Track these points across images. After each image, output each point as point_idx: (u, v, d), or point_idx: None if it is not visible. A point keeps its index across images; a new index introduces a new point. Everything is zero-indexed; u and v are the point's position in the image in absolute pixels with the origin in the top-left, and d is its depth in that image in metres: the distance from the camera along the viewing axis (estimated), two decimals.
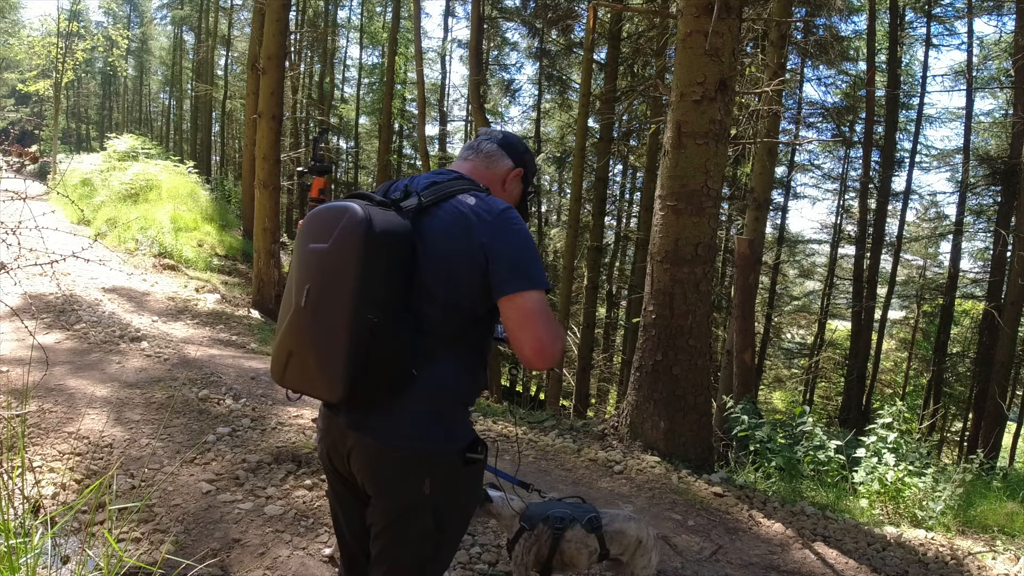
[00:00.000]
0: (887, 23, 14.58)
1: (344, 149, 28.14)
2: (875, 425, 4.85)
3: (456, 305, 1.47)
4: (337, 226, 1.40)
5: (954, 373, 16.04)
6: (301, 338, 1.44)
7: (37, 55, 21.47)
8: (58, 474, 3.24)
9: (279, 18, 8.86)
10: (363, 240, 1.37)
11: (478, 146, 1.71)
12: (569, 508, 2.27)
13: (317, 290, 1.41)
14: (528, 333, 1.42)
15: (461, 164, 1.70)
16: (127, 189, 13.36)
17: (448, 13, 24.50)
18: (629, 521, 2.31)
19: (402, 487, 1.47)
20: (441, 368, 1.47)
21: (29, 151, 26.89)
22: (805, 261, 20.68)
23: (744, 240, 7.39)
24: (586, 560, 2.22)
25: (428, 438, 1.46)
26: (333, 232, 1.41)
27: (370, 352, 1.38)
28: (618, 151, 16.11)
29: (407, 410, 1.45)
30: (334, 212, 1.44)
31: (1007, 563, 3.68)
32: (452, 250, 1.45)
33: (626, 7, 11.56)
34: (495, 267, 1.43)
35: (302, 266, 1.47)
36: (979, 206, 15.15)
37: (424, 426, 1.46)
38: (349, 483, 1.58)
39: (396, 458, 1.46)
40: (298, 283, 1.45)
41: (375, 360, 1.39)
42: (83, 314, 6.86)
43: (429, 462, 1.47)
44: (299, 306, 1.43)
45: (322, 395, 1.46)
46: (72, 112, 40.61)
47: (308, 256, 1.46)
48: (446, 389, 1.49)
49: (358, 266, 1.37)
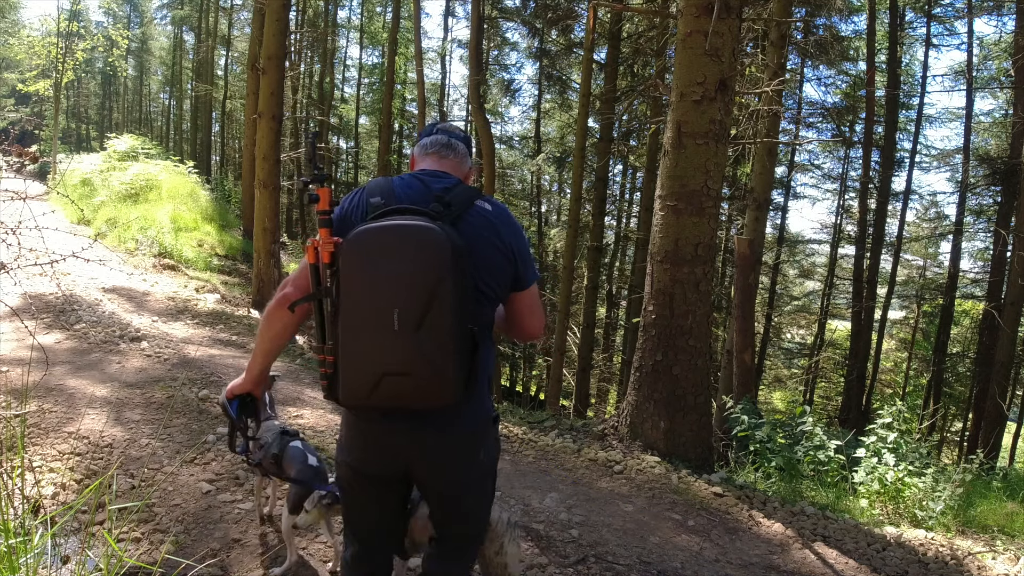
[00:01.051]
0: (887, 23, 14.57)
1: (344, 149, 28.14)
2: (875, 425, 4.85)
3: (497, 299, 1.69)
4: (418, 246, 1.48)
5: (954, 373, 16.03)
6: (407, 358, 1.49)
7: (37, 55, 21.46)
8: (58, 474, 3.24)
9: (279, 18, 8.85)
10: (452, 257, 1.47)
11: (453, 145, 1.80)
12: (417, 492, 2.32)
13: (413, 312, 1.47)
14: (536, 314, 1.77)
15: (442, 162, 1.78)
16: (127, 189, 13.35)
17: (448, 13, 24.48)
18: None
19: (471, 460, 1.72)
20: (484, 355, 1.64)
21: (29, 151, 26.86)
22: (805, 261, 20.68)
23: (744, 240, 7.39)
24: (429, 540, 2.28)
25: (482, 416, 1.71)
26: (414, 252, 1.48)
27: (474, 358, 1.57)
28: (618, 151, 16.11)
29: (472, 398, 1.64)
30: (407, 232, 1.50)
31: (1007, 563, 3.67)
32: (492, 252, 1.64)
33: (626, 7, 11.56)
34: (521, 263, 1.69)
35: (381, 290, 1.49)
36: (979, 206, 15.14)
37: (480, 407, 1.70)
38: (388, 480, 1.74)
39: (467, 438, 1.69)
40: (379, 306, 1.49)
41: (479, 365, 1.59)
42: (83, 314, 6.86)
43: (484, 434, 1.73)
44: (393, 330, 1.48)
45: (432, 404, 1.56)
46: (72, 112, 40.59)
47: (389, 280, 1.49)
48: (488, 372, 1.70)
49: (452, 283, 1.47)
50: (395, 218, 1.53)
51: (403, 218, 1.53)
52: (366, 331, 1.52)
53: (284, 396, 5.15)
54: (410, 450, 1.67)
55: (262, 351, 1.78)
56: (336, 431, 4.41)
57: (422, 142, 1.83)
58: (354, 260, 1.51)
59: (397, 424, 1.64)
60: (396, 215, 1.55)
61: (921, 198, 19.11)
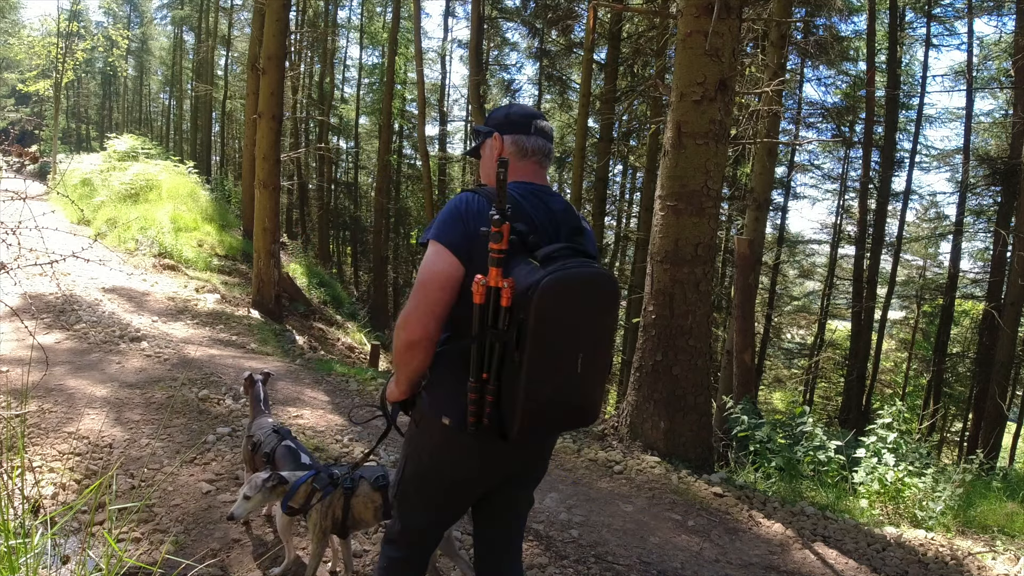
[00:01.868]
0: (887, 23, 14.57)
1: (344, 149, 28.13)
2: (875, 425, 4.85)
3: None
4: (609, 297, 1.65)
5: (954, 373, 16.03)
6: (587, 398, 1.67)
7: (37, 55, 21.46)
8: (58, 474, 3.24)
9: (279, 18, 8.85)
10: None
11: (550, 155, 1.80)
12: (359, 471, 2.39)
13: (593, 356, 1.61)
14: None
15: (540, 173, 1.79)
16: (127, 189, 13.35)
17: (448, 13, 24.50)
18: None
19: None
20: None
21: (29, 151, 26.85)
22: (805, 261, 20.67)
23: (744, 240, 7.39)
24: (372, 516, 2.38)
25: None
26: (607, 303, 1.65)
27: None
28: (618, 151, 16.11)
29: None
30: (601, 283, 1.62)
31: (1007, 563, 3.67)
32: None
33: (626, 7, 11.56)
34: None
35: (575, 336, 1.57)
36: (979, 206, 15.13)
37: None
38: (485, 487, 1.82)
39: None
40: (569, 350, 1.57)
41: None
42: (83, 314, 6.86)
43: None
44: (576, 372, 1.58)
45: (585, 425, 1.79)
46: (72, 112, 40.58)
47: (583, 327, 1.59)
48: None
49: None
50: (580, 263, 1.56)
51: (584, 263, 1.58)
52: (553, 375, 1.55)
53: (284, 396, 5.15)
54: (537, 458, 1.86)
55: (409, 385, 1.73)
56: (336, 431, 4.41)
57: (524, 143, 1.75)
58: (555, 308, 1.51)
59: (544, 442, 1.84)
60: (574, 258, 1.57)
61: (921, 198, 19.12)
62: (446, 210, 1.65)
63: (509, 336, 1.51)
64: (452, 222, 1.61)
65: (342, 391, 5.69)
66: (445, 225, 1.61)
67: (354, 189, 26.62)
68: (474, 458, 1.70)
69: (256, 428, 2.90)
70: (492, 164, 1.73)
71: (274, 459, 2.66)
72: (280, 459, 2.64)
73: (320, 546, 2.37)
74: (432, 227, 1.64)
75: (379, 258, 20.54)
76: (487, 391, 1.55)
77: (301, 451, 2.69)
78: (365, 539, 2.96)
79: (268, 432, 2.81)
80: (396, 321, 1.65)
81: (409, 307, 1.59)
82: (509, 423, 1.54)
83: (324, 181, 24.03)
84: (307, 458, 2.66)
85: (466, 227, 1.60)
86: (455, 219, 1.61)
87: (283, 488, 2.32)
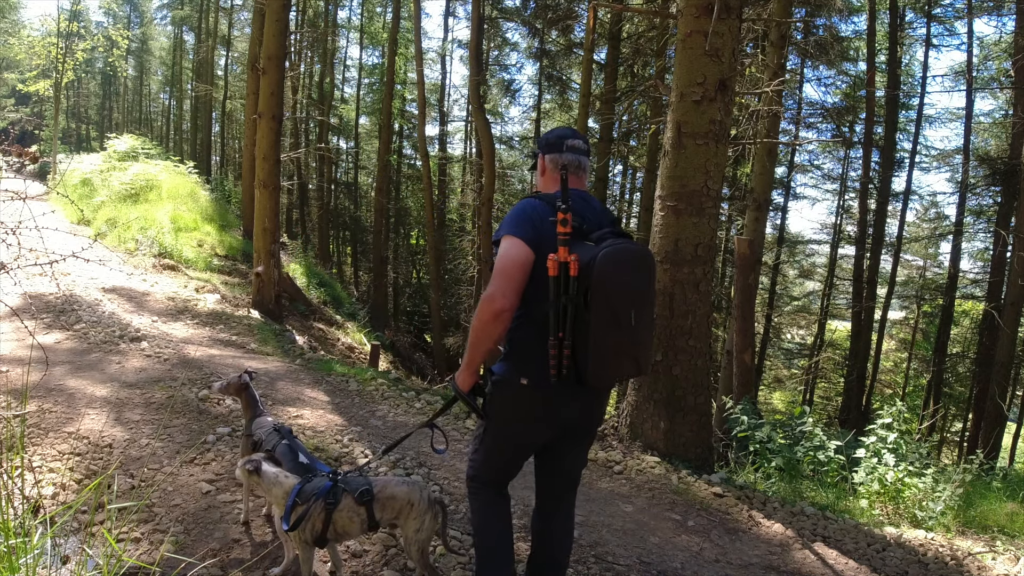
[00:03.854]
0: (887, 23, 14.57)
1: (344, 149, 28.13)
2: (875, 425, 4.85)
3: None
4: (649, 265, 2.11)
5: (954, 373, 16.02)
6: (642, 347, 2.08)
7: (37, 55, 21.45)
8: (58, 474, 3.24)
9: (279, 18, 8.85)
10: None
11: (585, 166, 2.24)
12: (345, 483, 2.43)
13: (642, 312, 2.04)
14: None
15: (580, 180, 2.24)
16: (127, 189, 13.35)
17: (448, 13, 24.47)
18: (401, 485, 2.45)
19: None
20: None
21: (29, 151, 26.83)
22: (805, 261, 20.67)
23: (744, 240, 7.39)
24: (358, 529, 2.42)
25: None
26: (648, 269, 2.10)
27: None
28: (618, 151, 16.11)
29: None
30: (643, 254, 2.10)
31: (1007, 563, 3.67)
32: None
33: (626, 7, 11.57)
34: None
35: (628, 296, 2.00)
36: (979, 206, 15.13)
37: None
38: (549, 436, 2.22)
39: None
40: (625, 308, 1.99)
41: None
42: (83, 314, 6.86)
43: None
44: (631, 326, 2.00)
45: (639, 375, 2.31)
46: (72, 112, 40.57)
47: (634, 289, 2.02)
48: None
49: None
50: (625, 242, 2.03)
51: (628, 242, 2.04)
52: (615, 327, 1.97)
53: (284, 396, 5.15)
54: (591, 411, 2.23)
55: (482, 354, 2.10)
56: (336, 431, 4.41)
57: (564, 159, 2.20)
58: (613, 273, 1.95)
59: (603, 393, 2.26)
60: (618, 237, 2.03)
61: (921, 198, 19.12)
62: (515, 212, 2.09)
63: (579, 299, 1.95)
64: (522, 220, 2.06)
65: (342, 391, 5.70)
66: (517, 223, 2.06)
67: (354, 189, 26.62)
68: (543, 408, 2.12)
69: (256, 427, 2.91)
70: (542, 176, 2.28)
71: (275, 456, 2.68)
72: (279, 458, 2.66)
73: (307, 552, 2.40)
74: (504, 226, 2.07)
75: (379, 258, 20.53)
76: (564, 346, 1.98)
77: (299, 450, 2.71)
78: (365, 539, 2.96)
79: (269, 431, 2.83)
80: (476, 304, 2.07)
81: (493, 287, 1.99)
82: (584, 369, 1.98)
83: (324, 181, 24.03)
84: (305, 457, 2.67)
85: (533, 223, 2.04)
86: (524, 218, 2.06)
87: (257, 478, 2.43)
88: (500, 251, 2.03)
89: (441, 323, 17.74)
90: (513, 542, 2.39)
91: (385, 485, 2.43)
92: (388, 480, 2.48)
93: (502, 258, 2.01)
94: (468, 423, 5.06)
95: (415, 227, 27.06)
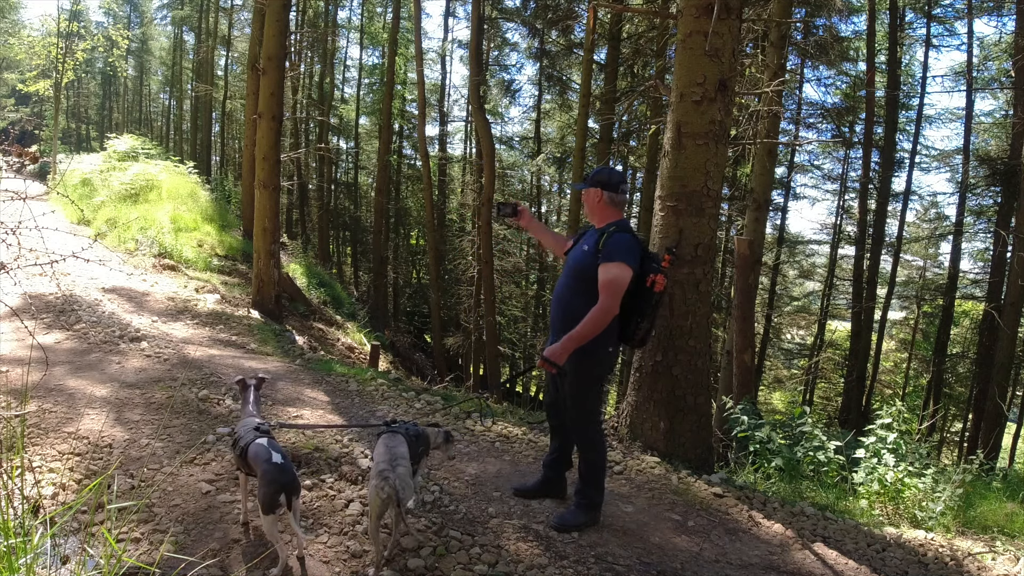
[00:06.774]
0: (887, 23, 14.57)
1: (344, 149, 28.14)
2: (875, 426, 4.85)
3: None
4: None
5: (954, 374, 16.03)
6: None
7: (37, 55, 21.46)
8: (58, 474, 3.24)
9: (279, 18, 8.85)
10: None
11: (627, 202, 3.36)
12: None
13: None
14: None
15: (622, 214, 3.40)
16: (127, 189, 13.36)
17: (448, 13, 24.48)
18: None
19: None
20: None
21: (29, 151, 26.89)
22: (805, 261, 20.68)
23: (744, 240, 7.39)
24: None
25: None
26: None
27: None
28: (618, 151, 16.11)
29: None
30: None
31: (1007, 563, 3.67)
32: None
33: (626, 7, 11.57)
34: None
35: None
36: (979, 206, 15.14)
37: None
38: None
39: None
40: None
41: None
42: (83, 314, 6.86)
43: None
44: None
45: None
46: (72, 112, 40.57)
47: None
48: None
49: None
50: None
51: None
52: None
53: (284, 396, 5.15)
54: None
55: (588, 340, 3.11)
56: (336, 430, 4.41)
57: (619, 198, 3.27)
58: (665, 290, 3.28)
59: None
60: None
61: (921, 198, 19.14)
62: (626, 244, 3.10)
63: (663, 302, 3.45)
64: (632, 252, 3.12)
65: (342, 391, 5.70)
66: (630, 254, 3.10)
67: (354, 189, 26.63)
68: (614, 363, 3.39)
69: (241, 427, 2.91)
70: (597, 205, 3.27)
71: (247, 456, 2.70)
72: (253, 457, 2.67)
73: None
74: (620, 254, 3.07)
75: (379, 258, 20.54)
76: (643, 327, 3.26)
77: (273, 449, 2.66)
78: (365, 539, 2.96)
79: (249, 430, 2.83)
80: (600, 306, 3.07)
81: (609, 299, 3.05)
82: (647, 338, 3.36)
83: (324, 181, 24.04)
84: (279, 456, 2.63)
85: (635, 255, 3.14)
86: (632, 250, 3.12)
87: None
88: (617, 272, 3.03)
89: (441, 323, 17.75)
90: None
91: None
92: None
93: (619, 279, 3.04)
94: (468, 423, 5.06)
95: (415, 227, 27.07)
